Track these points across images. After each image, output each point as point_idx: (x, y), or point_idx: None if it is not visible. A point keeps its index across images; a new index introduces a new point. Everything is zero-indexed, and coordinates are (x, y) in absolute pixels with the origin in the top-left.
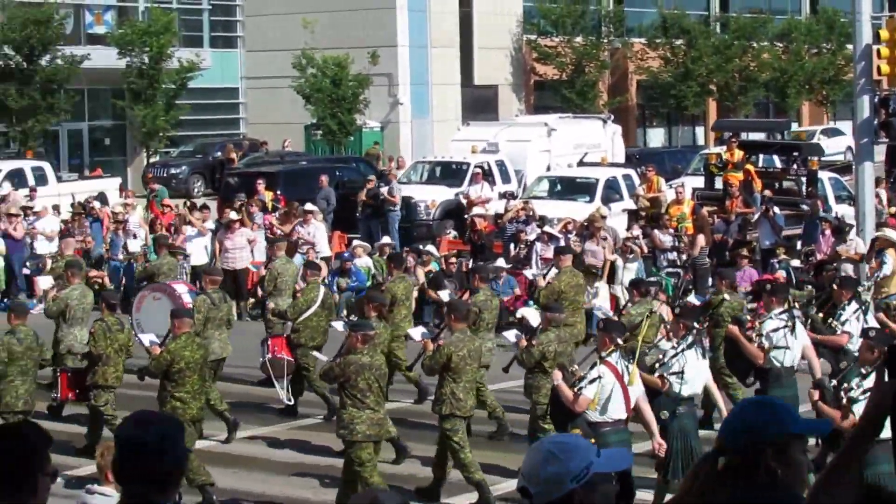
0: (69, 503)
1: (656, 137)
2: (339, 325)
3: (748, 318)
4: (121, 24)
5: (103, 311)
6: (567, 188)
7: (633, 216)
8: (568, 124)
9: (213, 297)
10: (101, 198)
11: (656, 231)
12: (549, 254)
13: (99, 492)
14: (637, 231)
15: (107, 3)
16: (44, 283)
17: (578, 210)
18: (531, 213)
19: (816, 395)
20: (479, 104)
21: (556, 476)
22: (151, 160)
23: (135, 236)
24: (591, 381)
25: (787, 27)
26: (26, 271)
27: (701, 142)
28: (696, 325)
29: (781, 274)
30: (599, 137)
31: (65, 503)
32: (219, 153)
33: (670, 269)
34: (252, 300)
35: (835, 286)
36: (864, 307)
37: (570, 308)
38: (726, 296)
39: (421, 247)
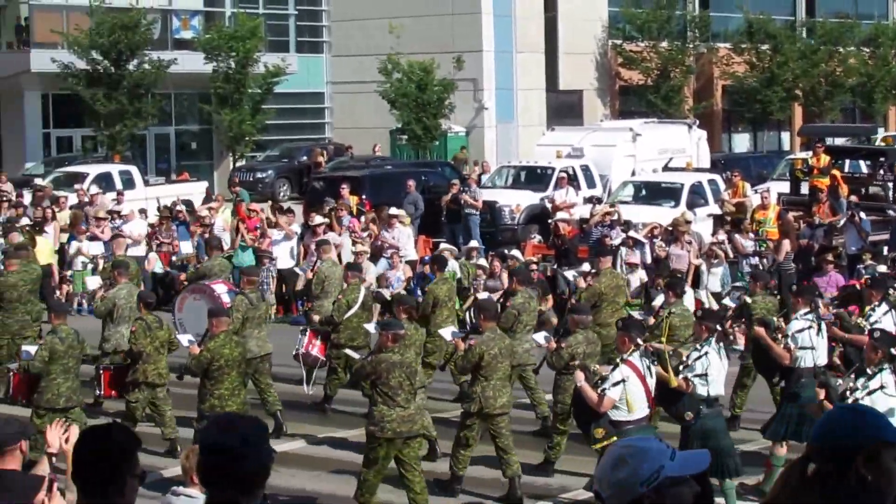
0: None
1: (741, 142)
2: (370, 327)
3: (775, 318)
4: (208, 29)
5: (141, 309)
6: (652, 193)
7: (718, 221)
8: (653, 129)
9: (250, 298)
10: (188, 202)
11: (737, 236)
12: (634, 259)
13: (184, 493)
14: (722, 236)
15: (194, 9)
16: (92, 283)
17: (663, 215)
18: (616, 217)
19: (822, 393)
20: (564, 109)
21: (626, 481)
22: (237, 164)
23: (219, 239)
24: (616, 384)
25: (874, 32)
26: None
27: (786, 147)
28: (717, 327)
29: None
30: (684, 142)
31: None
32: (304, 157)
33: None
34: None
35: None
36: (894, 308)
37: (609, 309)
38: (758, 297)
39: (506, 251)
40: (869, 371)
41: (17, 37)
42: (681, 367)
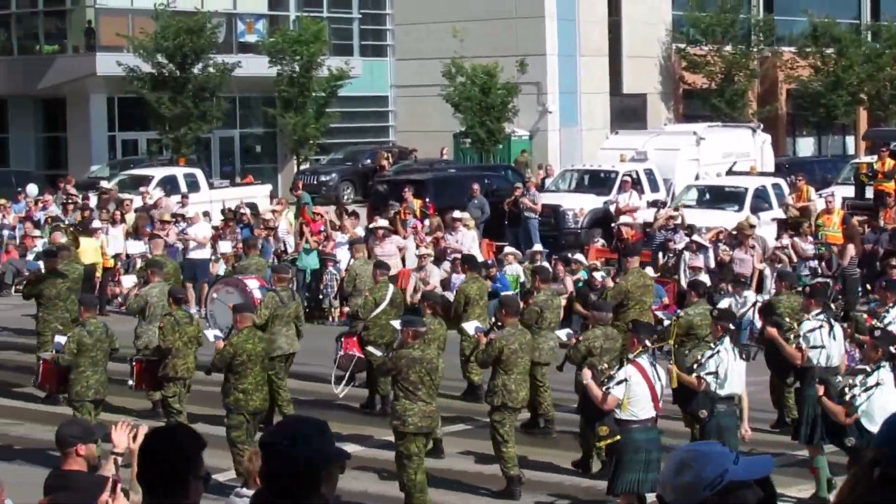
0: None
1: (806, 147)
2: (396, 324)
3: (787, 320)
4: (272, 32)
5: (171, 305)
6: (716, 197)
7: (782, 225)
8: (717, 133)
9: (281, 295)
10: (252, 205)
11: (797, 239)
12: (698, 263)
13: (246, 495)
14: (786, 240)
15: (258, 13)
16: (127, 281)
17: (727, 219)
18: (680, 221)
19: (821, 390)
20: (628, 113)
21: (690, 485)
22: (301, 167)
23: (284, 243)
24: (619, 383)
25: None
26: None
27: (851, 151)
28: (731, 326)
29: None
30: (748, 146)
31: None
32: (368, 161)
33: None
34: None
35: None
36: None
37: (636, 308)
38: (783, 296)
39: (569, 255)
40: (868, 369)
41: (84, 40)
42: (695, 366)
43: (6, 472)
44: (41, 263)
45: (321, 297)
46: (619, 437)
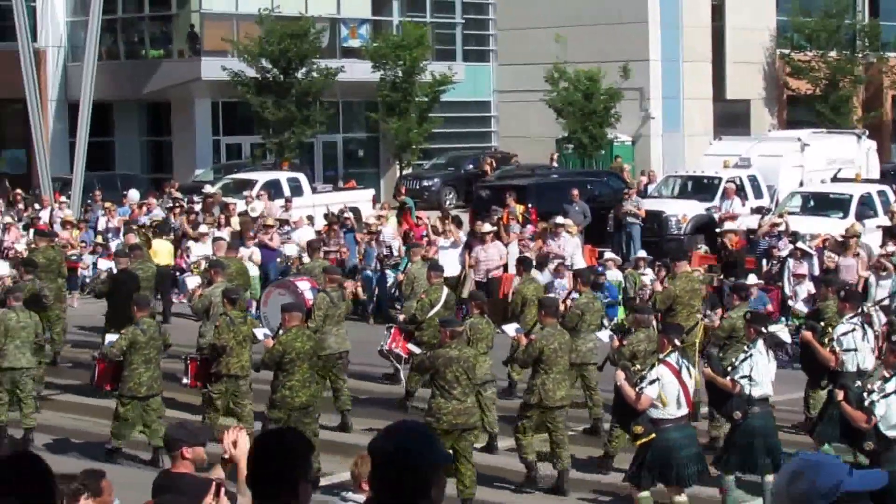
0: None
1: None
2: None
3: (821, 324)
4: (375, 37)
5: (226, 305)
6: (820, 204)
7: (887, 233)
8: (821, 139)
9: (332, 296)
10: (355, 210)
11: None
12: (802, 270)
13: (353, 499)
14: (892, 247)
15: (362, 17)
16: (192, 282)
17: (832, 226)
18: (784, 228)
19: (841, 394)
20: (731, 118)
21: (805, 494)
22: (404, 172)
23: (388, 247)
24: (651, 382)
25: None
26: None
27: None
28: (763, 329)
29: None
30: (853, 153)
31: None
32: (470, 166)
33: None
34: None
35: None
36: None
37: (684, 312)
38: (831, 301)
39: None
40: (886, 374)
41: (189, 45)
42: (729, 369)
43: (114, 473)
44: (112, 264)
45: None
46: (654, 436)
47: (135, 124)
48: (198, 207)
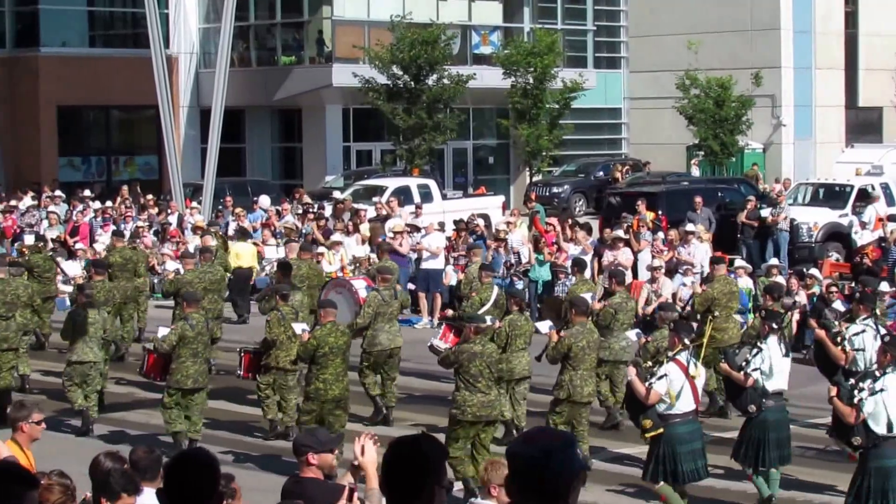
0: None
1: None
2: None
3: (836, 322)
4: (506, 44)
5: (278, 302)
6: None
7: None
8: None
9: (383, 294)
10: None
11: None
12: None
13: None
14: None
15: (493, 24)
16: (260, 283)
17: None
18: None
19: (833, 391)
20: (863, 126)
21: None
22: (534, 179)
23: (517, 254)
24: (660, 378)
25: None
26: (411, 286)
27: None
28: (774, 325)
29: None
30: None
31: None
32: (601, 173)
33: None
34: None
35: None
36: None
37: (723, 314)
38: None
39: (804, 269)
40: (878, 373)
41: (321, 52)
42: (743, 363)
43: (242, 477)
44: (180, 265)
45: None
46: (662, 430)
47: (266, 130)
48: (328, 213)
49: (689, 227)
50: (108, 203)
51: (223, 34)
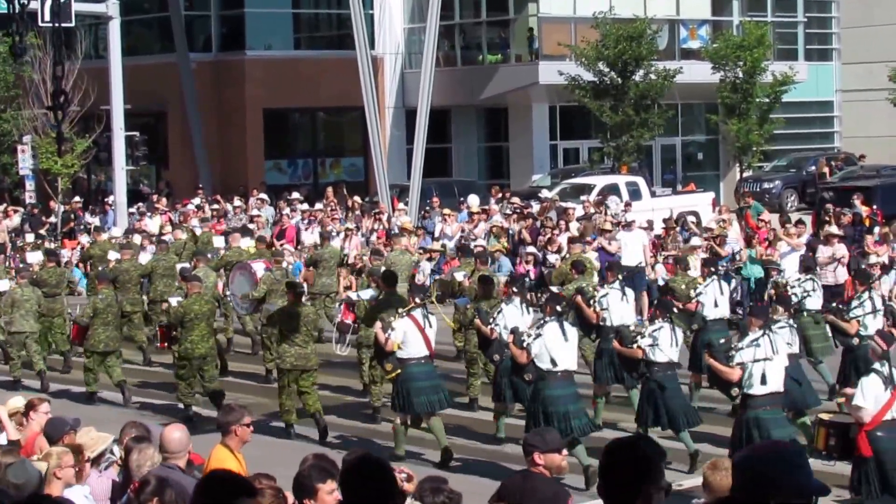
0: None
1: None
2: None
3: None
4: (715, 38)
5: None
6: None
7: None
8: None
9: (276, 274)
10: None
11: None
12: None
13: None
14: None
15: (702, 18)
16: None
17: None
18: None
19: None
20: None
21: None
22: (744, 175)
23: (732, 251)
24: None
25: None
26: None
27: None
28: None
29: None
30: None
31: None
32: (812, 167)
33: None
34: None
35: None
36: None
37: None
38: None
39: None
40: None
41: (527, 49)
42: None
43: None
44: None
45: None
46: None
47: (472, 130)
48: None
49: None
50: (317, 206)
51: (429, 34)
